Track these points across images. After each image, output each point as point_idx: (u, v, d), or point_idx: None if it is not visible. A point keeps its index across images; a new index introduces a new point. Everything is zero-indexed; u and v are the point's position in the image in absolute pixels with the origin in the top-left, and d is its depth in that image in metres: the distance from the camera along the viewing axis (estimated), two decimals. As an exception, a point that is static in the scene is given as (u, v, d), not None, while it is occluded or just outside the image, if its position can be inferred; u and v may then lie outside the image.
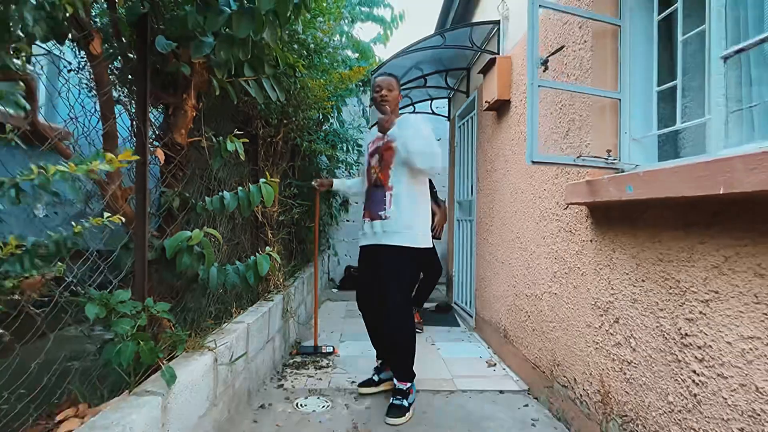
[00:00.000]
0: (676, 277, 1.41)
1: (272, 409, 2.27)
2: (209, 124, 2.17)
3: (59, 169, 0.85)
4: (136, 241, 1.58)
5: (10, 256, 0.94)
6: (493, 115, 3.46)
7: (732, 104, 1.45)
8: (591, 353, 1.92)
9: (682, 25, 1.68)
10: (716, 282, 1.25)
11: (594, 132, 1.97)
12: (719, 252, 1.24)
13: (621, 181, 1.58)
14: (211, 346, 1.76)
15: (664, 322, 1.46)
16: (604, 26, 1.99)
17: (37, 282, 1.16)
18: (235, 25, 1.64)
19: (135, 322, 1.31)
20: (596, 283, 1.90)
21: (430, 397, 2.51)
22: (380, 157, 2.39)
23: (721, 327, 1.23)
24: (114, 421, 1.15)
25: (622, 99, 1.94)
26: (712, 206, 1.27)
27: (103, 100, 1.47)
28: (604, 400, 1.81)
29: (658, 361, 1.49)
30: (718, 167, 1.13)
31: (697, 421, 1.30)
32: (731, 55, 1.40)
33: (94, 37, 1.38)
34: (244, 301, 2.65)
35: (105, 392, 1.42)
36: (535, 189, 2.60)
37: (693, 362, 1.33)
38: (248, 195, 1.86)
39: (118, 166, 0.97)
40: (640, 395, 1.58)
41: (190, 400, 1.54)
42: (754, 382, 1.12)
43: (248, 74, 2.05)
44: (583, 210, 2.02)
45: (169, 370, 1.37)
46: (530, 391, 2.60)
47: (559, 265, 2.27)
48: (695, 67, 1.79)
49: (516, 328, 2.89)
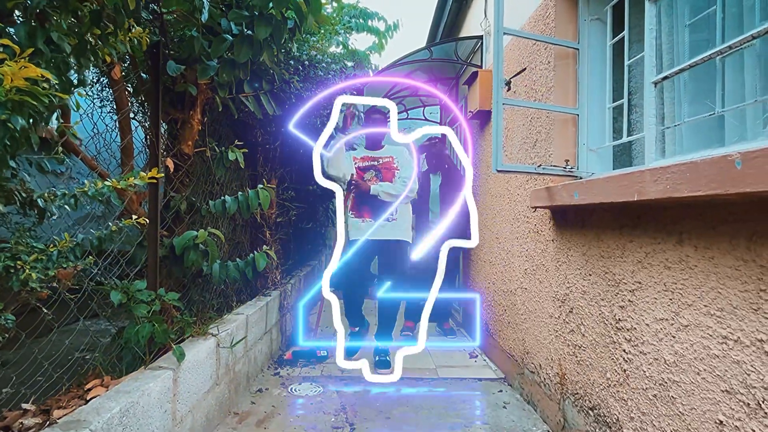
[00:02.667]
0: (613, 271, 1.65)
1: (269, 393, 2.50)
2: (213, 134, 2.41)
3: (106, 184, 1.09)
4: (149, 240, 1.82)
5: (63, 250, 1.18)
6: (477, 124, 3.70)
7: (668, 121, 1.69)
8: (552, 341, 2.16)
9: (628, 51, 1.93)
10: (640, 274, 1.49)
11: (556, 143, 2.21)
12: (642, 249, 1.48)
13: (570, 188, 1.82)
14: (214, 332, 2.00)
15: (604, 309, 1.70)
16: (565, 49, 2.23)
17: (70, 272, 1.40)
18: (237, 51, 1.89)
19: (150, 308, 1.55)
20: (556, 278, 2.14)
21: (414, 383, 2.75)
22: (377, 173, 2.97)
23: (643, 312, 1.46)
24: (134, 388, 1.39)
25: (580, 114, 2.18)
26: (635, 211, 1.50)
27: (122, 117, 1.71)
28: (561, 382, 2.04)
29: (599, 343, 1.73)
30: (633, 178, 1.37)
31: (626, 392, 1.54)
32: (659, 81, 1.63)
33: (115, 66, 1.63)
34: (243, 296, 2.89)
35: (123, 369, 1.66)
36: (510, 193, 2.84)
37: (624, 342, 1.57)
38: (247, 199, 2.10)
39: (147, 182, 1.21)
40: (588, 374, 1.82)
41: (196, 377, 1.78)
42: (663, 356, 1.36)
43: (247, 90, 2.30)
44: (547, 213, 2.26)
45: (179, 348, 1.61)
46: (506, 378, 2.84)
47: (529, 263, 2.50)
48: (640, 87, 2.03)
49: (495, 321, 3.13)
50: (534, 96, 2.46)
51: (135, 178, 1.18)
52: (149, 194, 1.83)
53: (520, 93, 2.61)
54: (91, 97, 1.68)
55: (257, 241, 3.30)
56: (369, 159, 2.99)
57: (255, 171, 3.41)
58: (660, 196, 1.25)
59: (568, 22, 2.22)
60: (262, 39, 1.88)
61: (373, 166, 2.91)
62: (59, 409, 1.29)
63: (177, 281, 2.15)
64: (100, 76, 1.66)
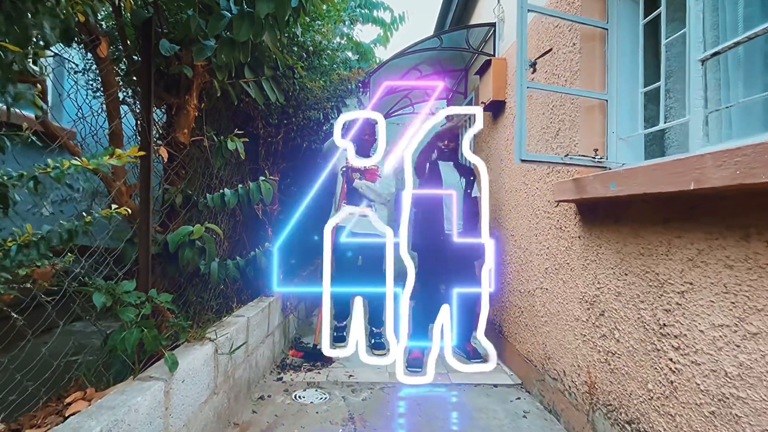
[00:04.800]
0: (656, 270, 1.47)
1: (271, 400, 2.34)
2: (212, 124, 2.24)
3: (73, 163, 0.92)
4: (140, 236, 1.65)
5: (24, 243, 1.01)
6: (489, 116, 3.52)
7: (712, 104, 1.52)
8: (579, 346, 1.99)
9: (665, 29, 1.75)
10: (691, 274, 1.31)
11: (582, 132, 2.04)
12: (693, 245, 1.31)
13: (605, 178, 1.64)
14: (212, 336, 1.83)
15: (645, 313, 1.53)
16: (592, 29, 2.05)
17: (47, 272, 1.23)
18: (236, 29, 1.71)
19: (139, 311, 1.38)
20: (584, 277, 1.97)
21: (426, 390, 2.58)
22: (361, 174, 3.34)
23: (695, 316, 1.29)
24: (120, 403, 1.22)
25: (609, 100, 2.01)
26: (686, 202, 1.33)
27: (109, 100, 1.54)
28: (591, 391, 1.87)
29: (639, 350, 1.55)
30: (690, 164, 1.20)
31: (674, 406, 1.37)
32: (708, 58, 1.46)
33: (101, 41, 1.46)
34: (244, 296, 2.72)
35: (111, 379, 1.50)
36: (528, 188, 2.67)
37: (670, 351, 1.39)
38: (248, 192, 1.93)
39: (125, 161, 1.04)
40: (623, 384, 1.64)
41: (191, 386, 1.62)
42: (724, 368, 1.18)
43: (248, 76, 2.13)
44: (572, 207, 2.09)
45: (172, 357, 1.44)
46: (523, 385, 2.66)
47: (550, 261, 2.33)
48: (679, 69, 1.85)
49: (510, 324, 2.95)
50: (556, 81, 2.28)
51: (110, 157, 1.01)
52: (140, 185, 1.67)
53: (540, 78, 2.43)
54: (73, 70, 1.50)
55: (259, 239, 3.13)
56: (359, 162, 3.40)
57: (257, 165, 3.25)
58: (725, 183, 1.08)
59: (594, 1, 2.04)
60: (264, 16, 1.71)
61: (359, 170, 3.34)
62: (32, 428, 1.13)
63: (172, 281, 1.99)
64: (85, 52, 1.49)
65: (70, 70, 1.54)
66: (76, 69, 1.85)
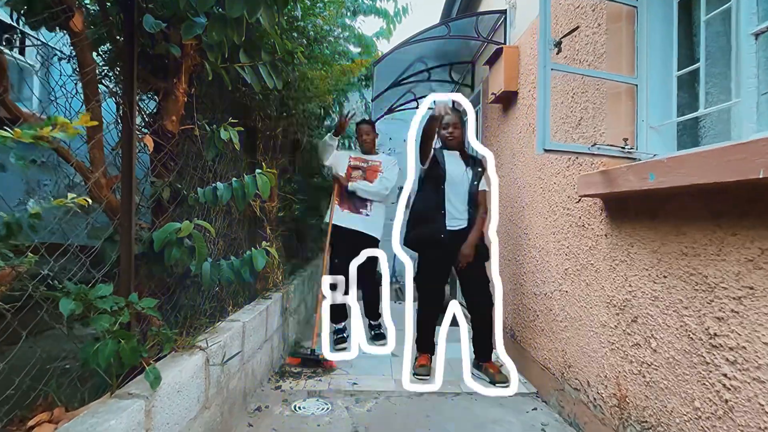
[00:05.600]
0: (704, 273, 1.30)
1: (269, 412, 2.16)
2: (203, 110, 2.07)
3: (1, 134, 0.74)
4: (121, 233, 1.48)
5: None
6: (500, 108, 3.35)
7: (764, 86, 1.34)
8: (606, 354, 1.81)
9: (705, 4, 1.57)
10: (751, 277, 1.14)
11: (609, 120, 1.86)
12: (754, 244, 1.13)
13: (642, 169, 1.47)
14: (203, 345, 1.66)
15: (690, 321, 1.35)
16: (619, 8, 1.87)
17: (6, 275, 1.06)
18: (228, 3, 1.53)
19: (116, 319, 1.21)
20: (611, 279, 1.79)
21: (435, 399, 2.41)
22: (362, 172, 3.40)
23: (757, 326, 1.12)
24: (90, 427, 1.05)
25: (639, 85, 1.83)
26: (747, 193, 1.15)
27: (85, 80, 1.37)
28: (621, 405, 1.70)
29: (682, 363, 1.38)
30: (757, 149, 1.02)
31: (729, 428, 1.19)
32: (764, 30, 1.28)
33: (75, 13, 1.28)
34: (241, 299, 2.55)
35: (86, 395, 1.32)
36: (544, 182, 2.49)
37: (724, 365, 1.22)
38: (243, 185, 1.76)
39: (72, 133, 0.87)
40: (662, 400, 1.47)
41: (178, 403, 1.44)
42: (798, 388, 1.01)
43: (244, 60, 1.95)
44: (597, 203, 1.91)
45: (154, 371, 1.26)
46: (539, 393, 2.49)
47: (570, 261, 2.15)
48: (718, 50, 1.67)
49: (524, 328, 2.78)
50: (578, 66, 2.10)
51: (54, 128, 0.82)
52: (122, 177, 1.49)
53: (559, 62, 2.25)
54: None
55: (256, 238, 2.95)
56: (361, 160, 3.46)
57: (254, 160, 3.07)
58: (807, 169, 0.90)
59: (622, -23, 1.87)
60: (260, -10, 1.54)
61: (361, 167, 3.41)
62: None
63: (160, 283, 1.81)
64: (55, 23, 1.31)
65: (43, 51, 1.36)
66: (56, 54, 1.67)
